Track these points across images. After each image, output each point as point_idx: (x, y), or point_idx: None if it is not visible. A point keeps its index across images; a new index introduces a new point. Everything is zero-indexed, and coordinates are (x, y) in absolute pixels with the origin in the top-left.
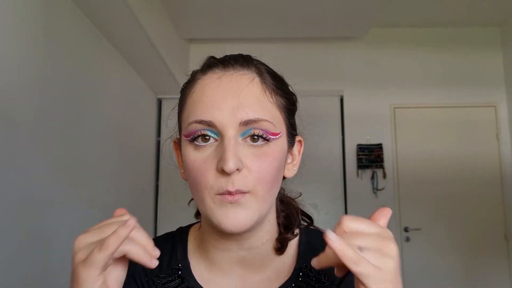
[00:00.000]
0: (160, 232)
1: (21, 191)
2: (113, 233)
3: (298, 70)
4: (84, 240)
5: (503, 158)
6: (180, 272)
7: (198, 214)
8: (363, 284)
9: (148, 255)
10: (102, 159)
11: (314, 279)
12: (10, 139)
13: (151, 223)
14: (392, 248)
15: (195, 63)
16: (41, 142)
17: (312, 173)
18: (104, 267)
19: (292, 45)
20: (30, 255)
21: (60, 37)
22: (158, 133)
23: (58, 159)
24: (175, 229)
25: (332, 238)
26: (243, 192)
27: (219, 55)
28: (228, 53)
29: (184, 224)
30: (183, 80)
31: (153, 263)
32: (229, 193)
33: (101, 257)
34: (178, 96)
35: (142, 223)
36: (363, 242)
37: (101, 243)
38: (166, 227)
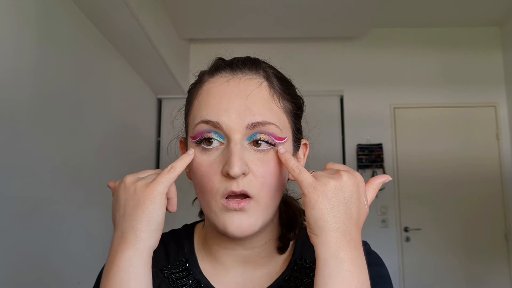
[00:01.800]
0: None
1: (21, 191)
2: (179, 158)
3: (298, 70)
4: (134, 176)
5: (503, 158)
6: (187, 265)
7: (201, 213)
8: (303, 192)
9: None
10: (102, 159)
11: (309, 269)
12: (10, 139)
13: None
14: (340, 175)
15: (195, 63)
16: (41, 142)
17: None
18: (168, 186)
19: (292, 45)
20: (30, 254)
21: (59, 37)
22: (158, 133)
23: (58, 159)
24: (180, 226)
25: (280, 150)
26: (248, 197)
27: (222, 55)
28: (230, 53)
29: (183, 223)
30: (183, 80)
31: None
32: (234, 193)
33: (170, 176)
34: (178, 96)
35: None
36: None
37: (168, 167)
38: (166, 226)
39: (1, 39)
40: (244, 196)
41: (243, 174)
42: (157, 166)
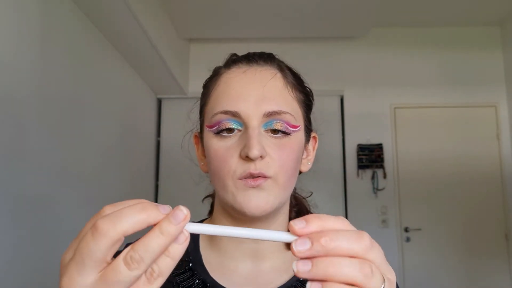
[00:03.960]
0: None
1: (23, 190)
2: (165, 254)
3: (298, 70)
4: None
5: (503, 158)
6: (190, 265)
7: (210, 212)
8: None
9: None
10: (102, 159)
11: None
12: (12, 139)
13: None
14: (394, 274)
15: (195, 63)
16: (42, 142)
17: (312, 173)
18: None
19: (292, 45)
20: (32, 253)
21: (60, 38)
22: (158, 133)
23: (59, 159)
24: None
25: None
26: (266, 177)
27: (221, 54)
28: (228, 53)
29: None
30: (183, 80)
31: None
32: (252, 175)
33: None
34: (178, 96)
35: None
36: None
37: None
38: None
39: (1, 40)
40: (262, 177)
41: (261, 157)
42: (157, 166)
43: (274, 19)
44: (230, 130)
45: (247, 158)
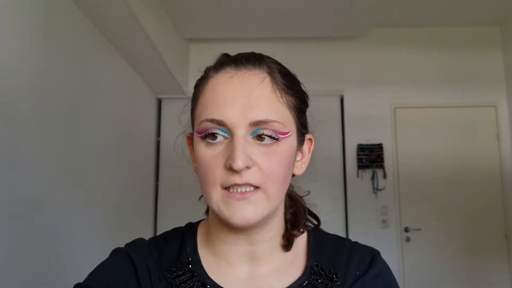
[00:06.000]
0: (159, 232)
1: (22, 190)
2: None
3: (298, 70)
4: None
5: (504, 158)
6: (190, 266)
7: (207, 211)
8: None
9: None
10: (102, 159)
11: (325, 277)
12: (11, 139)
13: (151, 222)
14: None
15: (195, 63)
16: (41, 142)
17: (312, 173)
18: None
19: (292, 45)
20: (30, 254)
21: (60, 37)
22: (158, 133)
23: (59, 159)
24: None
25: None
26: (254, 187)
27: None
28: (229, 53)
29: (183, 223)
30: (183, 80)
31: None
32: (237, 185)
33: None
34: (178, 96)
35: (142, 223)
36: None
37: None
38: (166, 226)
39: (4, 41)
40: (249, 186)
41: (247, 167)
42: (157, 166)
43: (274, 19)
44: (214, 137)
45: (231, 169)
